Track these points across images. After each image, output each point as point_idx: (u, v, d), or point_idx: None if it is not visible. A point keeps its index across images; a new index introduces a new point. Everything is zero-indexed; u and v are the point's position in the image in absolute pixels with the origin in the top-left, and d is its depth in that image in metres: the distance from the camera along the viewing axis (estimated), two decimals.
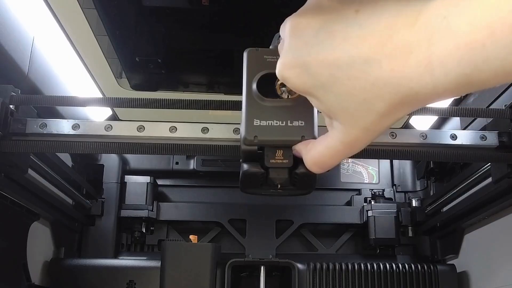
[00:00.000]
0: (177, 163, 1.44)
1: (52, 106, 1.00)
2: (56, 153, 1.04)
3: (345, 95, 0.35)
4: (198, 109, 0.76)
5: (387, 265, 1.15)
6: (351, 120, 0.36)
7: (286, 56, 0.39)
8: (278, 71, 0.40)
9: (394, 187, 1.46)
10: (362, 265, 1.15)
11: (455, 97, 0.30)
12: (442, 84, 0.29)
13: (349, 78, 0.34)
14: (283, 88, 0.47)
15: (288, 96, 0.47)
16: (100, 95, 1.21)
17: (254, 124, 0.45)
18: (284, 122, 0.45)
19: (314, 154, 0.42)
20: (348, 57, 0.34)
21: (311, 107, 0.46)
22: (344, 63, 0.34)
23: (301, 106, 0.46)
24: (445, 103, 1.20)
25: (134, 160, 1.44)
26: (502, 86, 0.97)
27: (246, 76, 0.48)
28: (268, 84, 0.47)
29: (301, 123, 0.45)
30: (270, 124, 0.45)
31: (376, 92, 0.33)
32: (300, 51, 0.37)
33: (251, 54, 0.50)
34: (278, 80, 0.46)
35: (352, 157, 0.46)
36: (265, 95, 0.47)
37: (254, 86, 0.47)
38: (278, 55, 0.47)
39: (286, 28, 0.40)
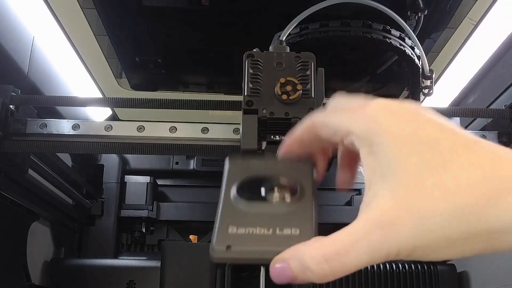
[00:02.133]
0: (177, 163, 1.44)
1: (52, 106, 1.00)
2: (56, 153, 1.04)
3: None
4: (198, 109, 0.76)
5: (387, 265, 1.15)
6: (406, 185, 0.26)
7: None
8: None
9: None
10: None
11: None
12: None
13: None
14: (274, 193, 0.35)
15: (281, 200, 0.35)
16: (100, 95, 1.21)
17: (229, 231, 0.32)
18: (270, 230, 0.32)
19: (323, 245, 0.29)
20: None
21: (309, 210, 0.35)
22: None
23: (296, 211, 0.34)
24: (445, 103, 1.20)
25: (134, 160, 1.44)
26: (502, 86, 0.97)
27: (226, 181, 0.38)
28: (253, 189, 0.36)
29: (295, 231, 0.33)
30: (250, 232, 0.32)
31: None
32: None
33: (234, 161, 0.39)
34: (269, 183, 0.36)
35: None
36: (248, 199, 0.35)
37: (234, 189, 0.37)
38: (266, 161, 0.37)
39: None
